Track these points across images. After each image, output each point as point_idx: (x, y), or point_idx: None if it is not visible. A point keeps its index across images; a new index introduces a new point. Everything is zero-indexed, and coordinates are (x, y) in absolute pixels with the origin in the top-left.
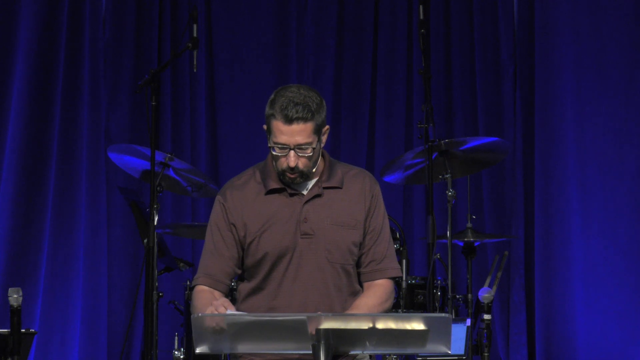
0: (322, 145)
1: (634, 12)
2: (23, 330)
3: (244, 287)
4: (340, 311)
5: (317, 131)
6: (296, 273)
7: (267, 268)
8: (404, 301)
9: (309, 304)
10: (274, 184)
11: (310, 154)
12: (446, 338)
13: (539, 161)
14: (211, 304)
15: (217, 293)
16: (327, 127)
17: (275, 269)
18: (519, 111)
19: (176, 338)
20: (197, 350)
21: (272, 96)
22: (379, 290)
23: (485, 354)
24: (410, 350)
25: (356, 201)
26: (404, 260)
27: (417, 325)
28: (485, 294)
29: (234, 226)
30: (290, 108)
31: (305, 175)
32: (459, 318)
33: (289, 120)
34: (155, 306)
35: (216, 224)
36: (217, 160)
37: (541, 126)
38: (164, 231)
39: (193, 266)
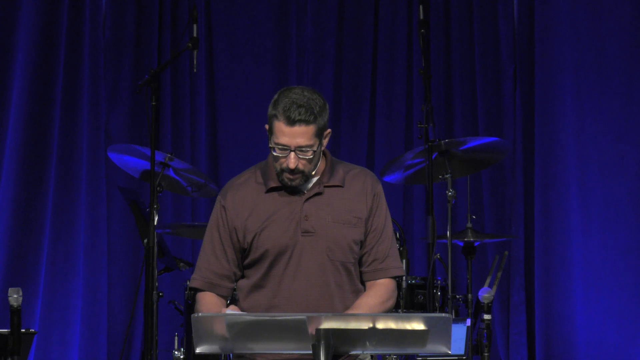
0: (323, 147)
1: (634, 12)
2: (23, 330)
3: (245, 284)
4: (341, 309)
5: (319, 134)
6: (296, 271)
7: (267, 265)
8: (404, 301)
9: (310, 301)
10: (274, 183)
11: (311, 156)
12: (446, 338)
13: (539, 161)
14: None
15: (223, 300)
16: (329, 130)
17: (275, 266)
18: (519, 111)
19: (176, 338)
20: (197, 350)
21: (276, 97)
22: (380, 289)
23: (485, 354)
24: (410, 350)
25: (357, 200)
26: (404, 260)
27: (417, 325)
28: (485, 294)
29: (234, 229)
30: (292, 110)
31: (306, 177)
32: (459, 318)
33: (291, 122)
34: (155, 306)
35: (216, 225)
36: (217, 160)
37: (541, 126)
38: (164, 231)
39: (193, 266)
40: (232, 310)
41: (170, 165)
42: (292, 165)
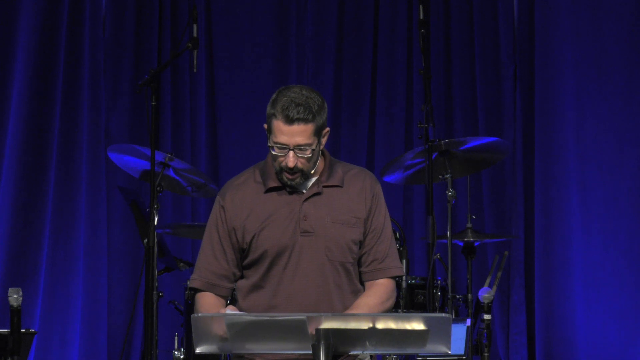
0: (322, 146)
1: (634, 12)
2: (23, 330)
3: (244, 284)
4: (340, 309)
5: (318, 133)
6: (295, 270)
7: (266, 265)
8: (404, 301)
9: (309, 301)
10: (273, 183)
11: (310, 155)
12: (446, 338)
13: (539, 161)
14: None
15: (222, 300)
16: (327, 129)
17: (274, 266)
18: (519, 111)
19: (176, 338)
20: (197, 350)
21: (274, 96)
22: (380, 289)
23: (485, 354)
24: (410, 350)
25: (356, 200)
26: (404, 260)
27: (417, 325)
28: (485, 294)
29: (233, 229)
30: (291, 109)
31: (305, 176)
32: (459, 318)
33: (289, 121)
34: (155, 306)
35: (215, 225)
36: (217, 160)
37: (541, 126)
38: (164, 231)
39: (193, 266)
40: (230, 310)
41: (170, 165)
42: (291, 164)
